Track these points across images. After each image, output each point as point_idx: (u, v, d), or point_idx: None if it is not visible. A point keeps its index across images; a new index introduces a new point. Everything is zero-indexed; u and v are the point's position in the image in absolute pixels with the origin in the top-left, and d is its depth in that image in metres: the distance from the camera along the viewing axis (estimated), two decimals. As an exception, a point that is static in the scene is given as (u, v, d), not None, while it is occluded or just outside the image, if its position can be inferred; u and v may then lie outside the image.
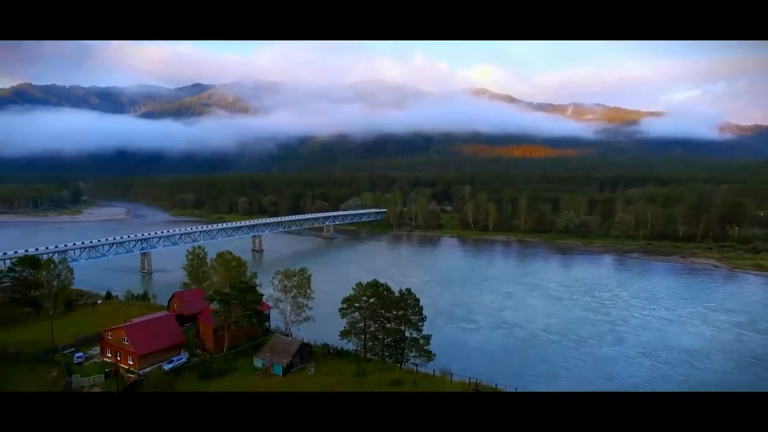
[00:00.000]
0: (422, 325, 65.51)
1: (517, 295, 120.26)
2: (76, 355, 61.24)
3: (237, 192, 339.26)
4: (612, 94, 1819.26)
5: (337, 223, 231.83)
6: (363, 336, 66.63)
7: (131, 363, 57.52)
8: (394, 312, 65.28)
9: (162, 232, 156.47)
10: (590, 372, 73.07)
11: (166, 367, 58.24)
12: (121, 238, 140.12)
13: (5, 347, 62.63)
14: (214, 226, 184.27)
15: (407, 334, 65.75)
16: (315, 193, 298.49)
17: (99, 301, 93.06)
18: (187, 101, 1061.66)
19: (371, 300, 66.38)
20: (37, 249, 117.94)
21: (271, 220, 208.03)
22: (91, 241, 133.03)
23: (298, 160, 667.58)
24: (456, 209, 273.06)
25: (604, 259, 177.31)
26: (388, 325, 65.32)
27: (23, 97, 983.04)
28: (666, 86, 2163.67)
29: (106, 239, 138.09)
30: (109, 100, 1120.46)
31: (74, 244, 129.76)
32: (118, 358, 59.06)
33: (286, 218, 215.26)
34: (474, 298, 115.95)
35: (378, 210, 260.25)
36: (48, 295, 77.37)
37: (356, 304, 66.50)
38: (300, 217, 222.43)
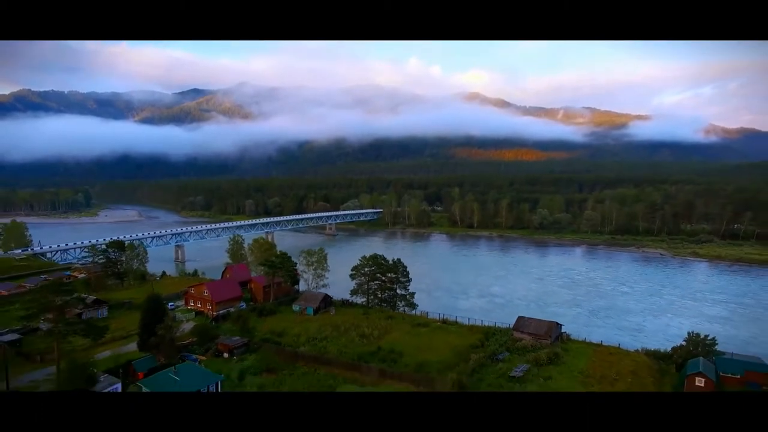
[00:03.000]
0: (408, 285, 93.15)
1: (502, 276, 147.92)
2: (169, 304, 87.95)
3: (242, 195, 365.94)
4: (604, 96, 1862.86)
5: (338, 221, 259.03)
6: (367, 293, 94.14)
7: (209, 308, 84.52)
8: (389, 275, 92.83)
9: (192, 228, 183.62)
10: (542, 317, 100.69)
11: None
12: (160, 232, 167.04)
13: (119, 300, 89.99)
14: (234, 223, 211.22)
15: (398, 291, 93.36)
16: (317, 195, 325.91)
17: (158, 278, 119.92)
18: (187, 106, 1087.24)
19: (372, 267, 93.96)
20: (120, 237, 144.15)
21: (283, 218, 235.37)
22: (137, 235, 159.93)
23: (298, 164, 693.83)
24: (445, 209, 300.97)
25: (575, 251, 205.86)
26: (385, 281, 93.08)
27: (23, 103, 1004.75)
28: (657, 89, 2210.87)
29: (149, 233, 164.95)
30: (107, 106, 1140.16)
31: (131, 236, 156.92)
32: (199, 305, 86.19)
33: (296, 217, 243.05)
34: (466, 279, 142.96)
35: (375, 210, 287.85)
36: (130, 270, 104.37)
37: (362, 270, 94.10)
38: (307, 215, 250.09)
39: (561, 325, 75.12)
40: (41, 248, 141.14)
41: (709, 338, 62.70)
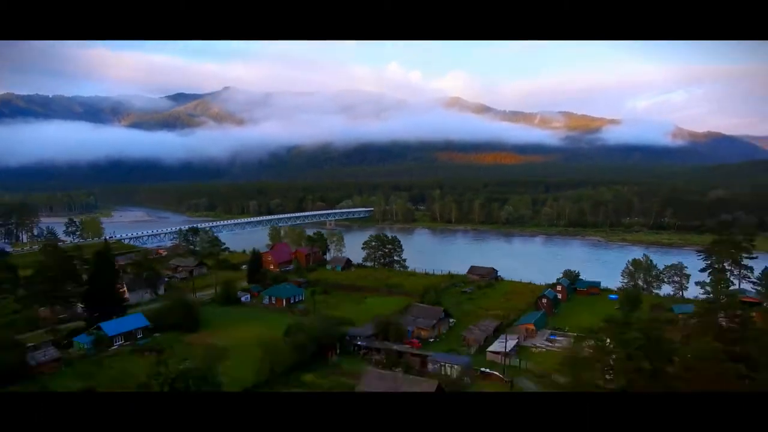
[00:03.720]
0: (402, 253, 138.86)
1: (477, 256, 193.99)
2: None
3: (244, 197, 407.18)
4: (580, 100, 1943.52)
5: (336, 218, 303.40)
6: (374, 259, 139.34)
7: (272, 267, 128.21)
8: (388, 246, 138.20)
9: (226, 222, 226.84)
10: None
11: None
12: (199, 225, 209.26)
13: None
14: (254, 219, 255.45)
15: (395, 257, 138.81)
16: (314, 196, 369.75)
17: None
18: (176, 111, 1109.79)
19: (377, 242, 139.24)
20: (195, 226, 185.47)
21: (291, 215, 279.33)
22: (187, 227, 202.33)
23: (287, 168, 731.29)
24: (427, 208, 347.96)
25: (535, 239, 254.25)
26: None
27: (9, 107, 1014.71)
28: (631, 93, 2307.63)
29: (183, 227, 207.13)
30: (94, 110, 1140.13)
31: (170, 229, 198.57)
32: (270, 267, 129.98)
33: (303, 214, 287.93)
34: (443, 256, 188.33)
35: (366, 209, 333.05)
36: (205, 249, 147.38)
37: (370, 244, 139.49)
38: (311, 213, 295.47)
39: (497, 270, 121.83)
40: (130, 235, 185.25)
41: (575, 273, 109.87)
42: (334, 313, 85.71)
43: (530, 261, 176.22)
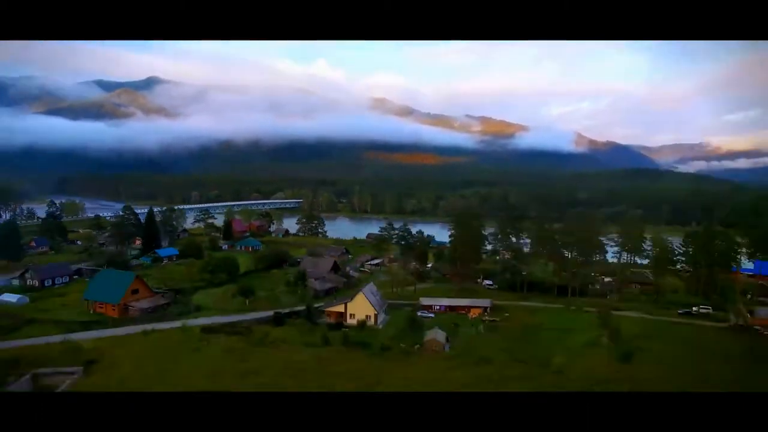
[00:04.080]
0: (324, 228, 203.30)
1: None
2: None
3: (185, 187, 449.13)
4: (501, 105, 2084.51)
5: (271, 207, 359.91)
6: (305, 231, 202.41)
7: (235, 233, 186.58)
8: (315, 222, 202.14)
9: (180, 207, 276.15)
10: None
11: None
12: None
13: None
14: (203, 206, 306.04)
15: (319, 230, 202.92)
16: (251, 188, 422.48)
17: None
18: (98, 100, 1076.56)
19: (306, 219, 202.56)
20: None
21: (232, 203, 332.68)
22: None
23: (218, 162, 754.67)
24: (348, 201, 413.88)
25: (435, 226, 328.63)
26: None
27: None
28: (545, 101, 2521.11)
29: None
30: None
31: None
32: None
33: (245, 203, 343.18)
34: (358, 234, 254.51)
35: (296, 200, 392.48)
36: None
37: (302, 220, 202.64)
38: (249, 202, 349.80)
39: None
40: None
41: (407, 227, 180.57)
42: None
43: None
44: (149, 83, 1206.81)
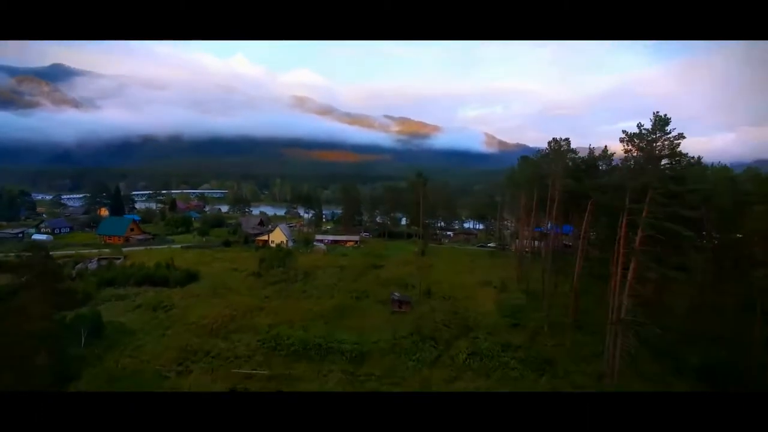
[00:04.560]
0: (250, 207, 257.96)
1: None
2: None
3: (110, 179, 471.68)
4: (420, 106, 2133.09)
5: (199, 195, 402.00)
6: (234, 210, 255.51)
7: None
8: (242, 204, 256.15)
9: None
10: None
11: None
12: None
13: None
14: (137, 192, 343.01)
15: (246, 209, 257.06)
16: (178, 179, 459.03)
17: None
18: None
19: (237, 201, 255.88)
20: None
21: (171, 191, 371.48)
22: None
23: (138, 156, 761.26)
24: (270, 192, 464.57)
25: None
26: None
27: None
28: (461, 103, 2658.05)
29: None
30: None
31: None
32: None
33: (177, 191, 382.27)
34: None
35: (222, 191, 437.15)
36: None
37: (233, 200, 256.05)
38: (180, 191, 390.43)
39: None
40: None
41: (308, 216, 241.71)
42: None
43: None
44: (56, 71, 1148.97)
